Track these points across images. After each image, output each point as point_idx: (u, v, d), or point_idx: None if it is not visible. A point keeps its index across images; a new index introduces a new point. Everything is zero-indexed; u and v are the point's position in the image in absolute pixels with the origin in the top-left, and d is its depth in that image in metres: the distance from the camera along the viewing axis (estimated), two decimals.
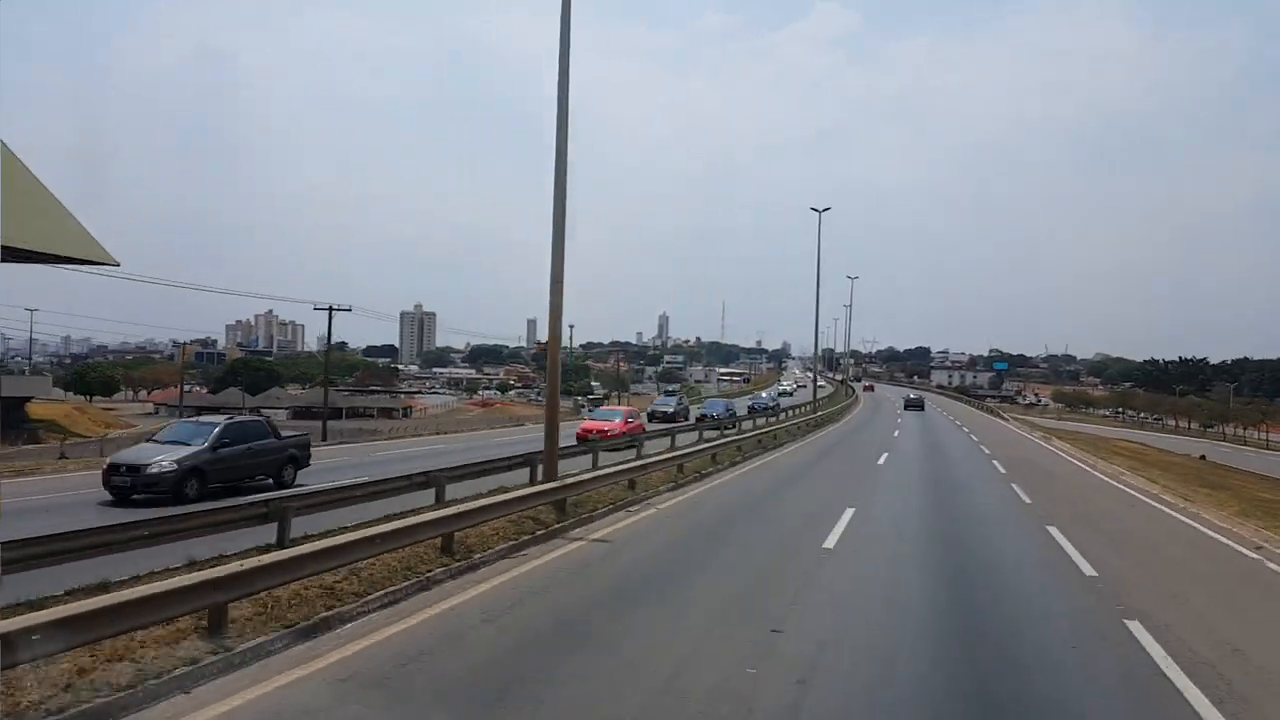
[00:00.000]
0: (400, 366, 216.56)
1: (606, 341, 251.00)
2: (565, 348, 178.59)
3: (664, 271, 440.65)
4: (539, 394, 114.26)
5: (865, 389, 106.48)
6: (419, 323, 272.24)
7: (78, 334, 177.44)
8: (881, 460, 27.38)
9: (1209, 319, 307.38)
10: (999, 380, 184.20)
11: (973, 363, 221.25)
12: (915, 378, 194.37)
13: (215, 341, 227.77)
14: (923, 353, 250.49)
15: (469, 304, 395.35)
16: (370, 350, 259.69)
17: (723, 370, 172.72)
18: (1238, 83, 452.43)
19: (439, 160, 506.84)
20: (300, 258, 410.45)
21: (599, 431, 26.23)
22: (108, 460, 16.52)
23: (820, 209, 48.30)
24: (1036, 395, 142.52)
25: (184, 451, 15.59)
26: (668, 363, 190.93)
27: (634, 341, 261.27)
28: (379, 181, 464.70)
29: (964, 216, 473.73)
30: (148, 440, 17.47)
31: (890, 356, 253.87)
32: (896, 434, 42.26)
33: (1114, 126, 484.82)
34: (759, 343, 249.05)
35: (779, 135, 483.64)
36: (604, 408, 48.28)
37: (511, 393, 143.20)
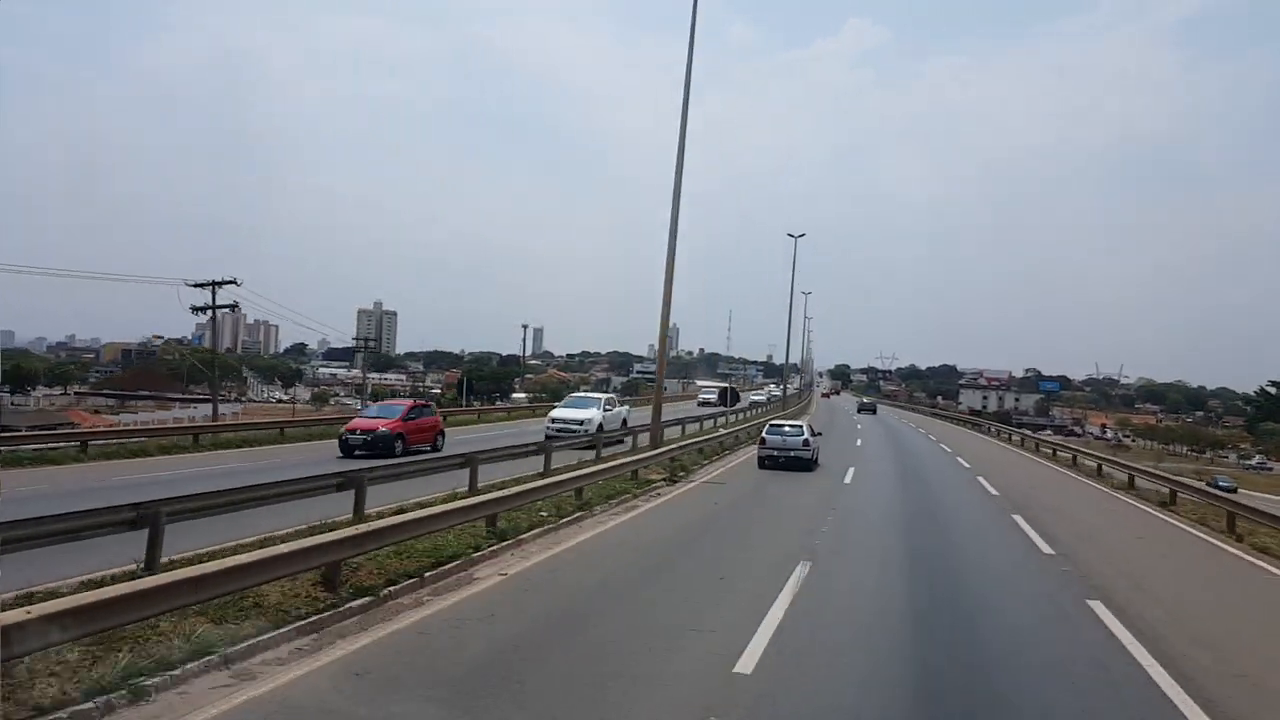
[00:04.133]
0: (340, 370, 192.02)
1: (604, 352, 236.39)
2: (529, 354, 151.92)
3: (681, 284, 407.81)
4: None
5: (823, 396, 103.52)
6: (378, 322, 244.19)
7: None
8: None
9: (1243, 347, 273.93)
10: (1045, 405, 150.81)
11: (1008, 383, 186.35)
12: (939, 398, 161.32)
13: (190, 341, 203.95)
14: (948, 370, 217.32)
15: (471, 307, 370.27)
16: (332, 353, 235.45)
17: (704, 382, 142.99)
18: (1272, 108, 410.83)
19: (445, 165, 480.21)
20: (301, 258, 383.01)
21: (363, 430, 24.11)
22: None
23: (796, 235, 49.29)
24: (1103, 427, 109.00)
25: None
26: (638, 371, 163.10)
27: (645, 354, 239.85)
28: (373, 185, 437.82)
29: (990, 235, 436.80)
30: None
31: (911, 374, 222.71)
32: None
33: (1149, 149, 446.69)
34: (769, 356, 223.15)
35: (801, 149, 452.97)
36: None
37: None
